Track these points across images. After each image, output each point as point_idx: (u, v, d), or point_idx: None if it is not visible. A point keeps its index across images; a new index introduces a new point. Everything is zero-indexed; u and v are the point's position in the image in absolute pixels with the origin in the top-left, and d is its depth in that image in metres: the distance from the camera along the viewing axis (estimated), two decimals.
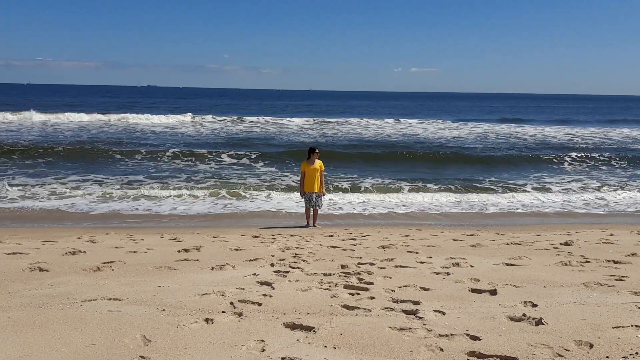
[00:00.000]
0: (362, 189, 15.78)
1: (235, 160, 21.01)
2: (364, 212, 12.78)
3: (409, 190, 15.62)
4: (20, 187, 14.37)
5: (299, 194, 11.32)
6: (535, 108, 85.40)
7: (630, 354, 3.16)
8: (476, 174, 19.12)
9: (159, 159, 20.84)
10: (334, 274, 5.48)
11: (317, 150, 11.02)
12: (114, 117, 38.74)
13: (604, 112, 70.88)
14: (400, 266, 5.96)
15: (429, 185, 16.48)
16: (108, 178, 16.39)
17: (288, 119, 43.25)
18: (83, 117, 38.07)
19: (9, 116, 36.04)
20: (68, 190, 14.33)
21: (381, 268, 5.85)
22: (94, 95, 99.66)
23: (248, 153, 22.11)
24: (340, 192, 15.06)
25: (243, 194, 14.52)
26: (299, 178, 11.74)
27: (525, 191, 15.93)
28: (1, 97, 77.95)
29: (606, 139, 32.97)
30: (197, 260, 6.31)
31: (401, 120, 46.46)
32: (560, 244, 7.76)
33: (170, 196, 14.00)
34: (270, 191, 14.92)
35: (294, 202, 13.43)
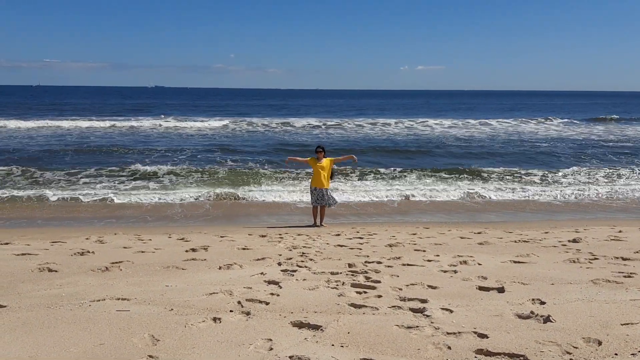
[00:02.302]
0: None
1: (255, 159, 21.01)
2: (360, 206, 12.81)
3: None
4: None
5: (308, 192, 11.51)
6: (561, 106, 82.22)
7: None
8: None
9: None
10: (341, 273, 5.48)
11: (322, 149, 11.11)
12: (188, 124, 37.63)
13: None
14: (408, 264, 5.95)
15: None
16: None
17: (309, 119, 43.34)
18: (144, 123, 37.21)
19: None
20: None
21: (388, 266, 5.84)
22: (113, 97, 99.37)
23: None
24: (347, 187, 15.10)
25: (252, 192, 14.58)
26: (310, 171, 11.87)
27: None
28: (25, 99, 77.96)
29: None
30: (205, 259, 6.33)
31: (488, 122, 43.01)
32: (569, 241, 7.72)
33: (179, 193, 14.08)
34: (278, 190, 14.99)
35: (300, 201, 13.46)
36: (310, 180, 11.30)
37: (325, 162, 11.00)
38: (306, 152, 21.05)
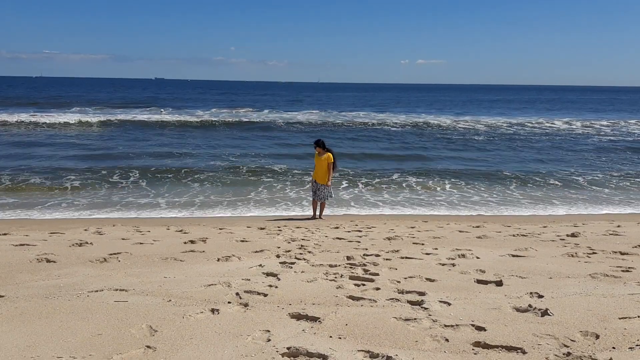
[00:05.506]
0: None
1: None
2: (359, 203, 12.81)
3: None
4: None
5: (309, 185, 11.55)
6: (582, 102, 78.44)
7: (637, 345, 3.15)
8: None
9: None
10: (339, 265, 5.48)
11: (320, 143, 11.08)
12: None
13: None
14: (406, 257, 5.95)
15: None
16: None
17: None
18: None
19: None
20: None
21: (387, 259, 5.84)
22: (123, 90, 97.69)
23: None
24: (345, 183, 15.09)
25: (253, 185, 14.59)
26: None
27: None
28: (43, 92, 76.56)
29: None
30: (203, 251, 6.33)
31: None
32: (567, 235, 7.73)
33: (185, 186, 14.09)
34: (279, 183, 14.98)
35: (299, 195, 13.46)
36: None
37: (326, 157, 10.95)
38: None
